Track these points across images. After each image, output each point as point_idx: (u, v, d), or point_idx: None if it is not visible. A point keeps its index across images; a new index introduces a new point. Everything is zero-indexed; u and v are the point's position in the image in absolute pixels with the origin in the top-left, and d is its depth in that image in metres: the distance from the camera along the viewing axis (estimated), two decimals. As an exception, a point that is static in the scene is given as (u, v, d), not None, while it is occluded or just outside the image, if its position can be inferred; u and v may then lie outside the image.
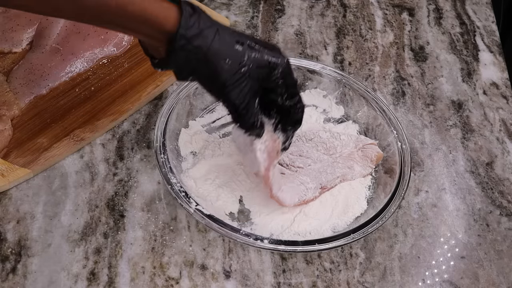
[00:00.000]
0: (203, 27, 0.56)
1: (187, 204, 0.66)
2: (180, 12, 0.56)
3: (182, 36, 0.55)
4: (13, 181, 0.72)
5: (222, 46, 0.57)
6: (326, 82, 0.84)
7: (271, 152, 0.66)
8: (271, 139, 0.65)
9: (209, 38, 0.56)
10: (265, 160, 0.66)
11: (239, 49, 0.58)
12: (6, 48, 0.87)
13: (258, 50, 0.59)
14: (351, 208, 0.72)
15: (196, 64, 0.58)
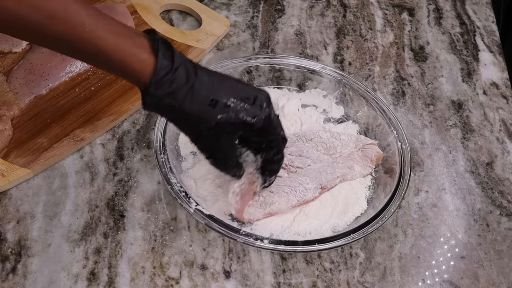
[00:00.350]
0: (176, 86, 0.56)
1: (187, 204, 0.66)
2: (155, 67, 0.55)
3: (153, 95, 0.56)
4: (13, 181, 0.72)
5: (193, 105, 0.56)
6: (326, 82, 0.84)
7: (246, 195, 0.66)
8: (249, 181, 0.65)
9: (180, 97, 0.56)
10: (237, 203, 0.66)
11: (212, 107, 0.57)
12: (6, 48, 0.87)
13: (233, 108, 0.57)
14: (351, 208, 0.72)
15: (169, 116, 0.60)
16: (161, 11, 0.96)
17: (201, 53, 0.90)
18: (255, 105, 0.59)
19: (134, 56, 0.55)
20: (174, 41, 0.90)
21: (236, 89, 0.59)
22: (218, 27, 0.93)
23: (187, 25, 0.96)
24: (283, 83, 0.86)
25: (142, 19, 0.93)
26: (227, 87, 0.59)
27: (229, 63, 0.82)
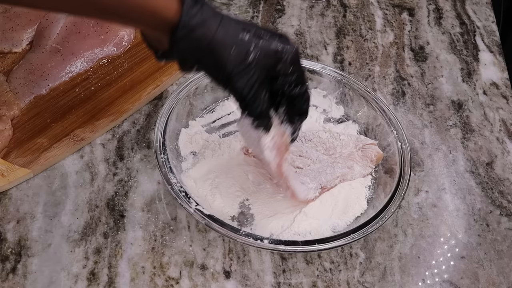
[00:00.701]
0: (206, 16, 0.55)
1: (187, 204, 0.66)
2: (182, 1, 0.54)
3: (185, 25, 0.54)
4: (13, 181, 0.72)
5: (226, 35, 0.55)
6: (326, 82, 0.84)
7: (280, 147, 0.64)
8: (278, 133, 0.64)
9: (213, 27, 0.55)
10: (275, 158, 0.64)
11: (245, 37, 0.56)
12: (6, 48, 0.87)
13: (265, 38, 0.58)
14: (351, 208, 0.72)
15: (200, 54, 0.56)
16: (161, 11, 0.96)
17: (201, 53, 0.90)
18: (283, 38, 0.59)
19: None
20: (174, 41, 0.90)
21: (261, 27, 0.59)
22: (218, 27, 0.93)
23: (187, 25, 0.96)
24: (283, 83, 0.85)
25: (142, 19, 0.93)
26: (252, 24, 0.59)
27: (229, 63, 0.82)
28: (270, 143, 0.63)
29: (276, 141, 0.64)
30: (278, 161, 0.65)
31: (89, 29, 0.88)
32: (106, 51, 0.88)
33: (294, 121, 0.64)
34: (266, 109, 0.61)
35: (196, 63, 0.58)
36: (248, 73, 0.57)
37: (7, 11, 0.91)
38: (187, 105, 0.78)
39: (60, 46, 0.86)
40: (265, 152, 0.63)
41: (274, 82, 0.60)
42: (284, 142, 0.64)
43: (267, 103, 0.61)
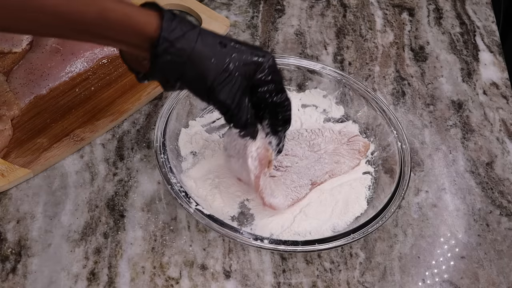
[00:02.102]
0: (185, 29, 0.56)
1: (187, 204, 0.66)
2: (161, 17, 0.56)
3: (165, 38, 0.55)
4: (13, 181, 0.72)
5: (205, 47, 0.57)
6: (326, 82, 0.84)
7: (263, 160, 0.66)
8: (263, 146, 0.66)
9: (192, 40, 0.56)
10: (256, 168, 0.66)
11: (224, 48, 0.58)
12: (6, 48, 0.87)
13: (242, 49, 0.59)
14: (351, 208, 0.72)
15: (182, 68, 0.57)
16: (161, 11, 0.96)
17: (201, 53, 0.90)
18: (259, 49, 0.61)
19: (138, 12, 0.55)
20: (174, 41, 0.90)
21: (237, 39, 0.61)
22: (218, 27, 0.93)
23: (187, 25, 0.96)
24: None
25: (142, 19, 0.93)
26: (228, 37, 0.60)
27: (229, 63, 0.82)
28: (254, 153, 0.65)
29: (260, 153, 0.65)
30: (258, 173, 0.66)
31: (89, 29, 0.88)
32: (106, 51, 0.88)
33: (278, 131, 0.66)
34: (251, 117, 0.62)
35: (178, 78, 0.59)
36: (230, 82, 0.58)
37: (7, 11, 0.91)
38: (187, 105, 0.78)
39: (60, 46, 0.86)
40: (248, 160, 0.65)
41: (254, 94, 0.62)
42: (267, 156, 0.66)
43: (251, 111, 0.62)
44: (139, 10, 0.56)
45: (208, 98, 0.60)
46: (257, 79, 0.61)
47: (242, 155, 0.66)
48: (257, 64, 0.60)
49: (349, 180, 0.75)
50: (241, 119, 0.61)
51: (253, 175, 0.66)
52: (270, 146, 0.66)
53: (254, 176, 0.66)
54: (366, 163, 0.77)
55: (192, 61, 0.57)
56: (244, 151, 0.65)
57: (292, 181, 0.71)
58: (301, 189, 0.71)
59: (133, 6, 0.55)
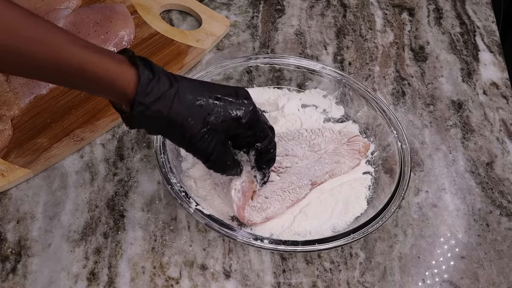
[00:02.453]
0: (162, 90, 0.56)
1: (187, 204, 0.66)
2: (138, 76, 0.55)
3: (140, 103, 0.55)
4: (13, 181, 0.72)
5: (182, 107, 0.57)
6: (326, 82, 0.84)
7: (247, 192, 0.67)
8: (248, 180, 0.66)
9: (168, 102, 0.56)
10: (239, 200, 0.67)
11: (200, 107, 0.58)
12: (6, 48, 0.87)
13: (220, 105, 0.59)
14: (351, 208, 0.71)
15: (159, 126, 0.58)
16: (161, 11, 0.96)
17: (201, 53, 0.90)
18: (238, 99, 0.60)
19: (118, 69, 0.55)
20: (174, 41, 0.90)
21: (217, 88, 0.61)
22: (218, 27, 0.93)
23: (187, 25, 0.96)
24: (283, 83, 0.85)
25: (142, 19, 0.93)
26: (208, 88, 0.60)
27: (229, 63, 0.82)
28: (238, 186, 0.66)
29: (244, 186, 0.66)
30: (241, 204, 0.67)
31: (89, 29, 0.88)
32: (106, 51, 0.87)
33: (262, 168, 0.67)
34: (231, 163, 0.64)
35: (157, 132, 0.62)
36: (207, 138, 0.59)
37: (7, 11, 0.91)
38: (187, 105, 0.78)
39: (60, 46, 0.86)
40: (232, 192, 0.66)
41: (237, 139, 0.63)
42: (252, 187, 0.67)
43: (231, 158, 0.64)
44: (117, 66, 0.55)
45: (187, 150, 0.61)
46: (237, 132, 0.61)
47: (226, 186, 0.68)
48: (236, 119, 0.60)
49: (349, 180, 0.75)
50: (221, 167, 0.63)
51: (235, 206, 0.67)
52: (255, 179, 0.67)
53: (237, 207, 0.67)
54: (366, 163, 0.77)
55: (169, 121, 0.57)
56: (228, 183, 0.67)
57: (291, 182, 0.71)
58: (301, 189, 0.71)
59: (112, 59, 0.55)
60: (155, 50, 0.89)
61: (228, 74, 0.82)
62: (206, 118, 0.58)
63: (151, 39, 0.90)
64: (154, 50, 0.89)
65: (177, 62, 0.87)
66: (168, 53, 0.88)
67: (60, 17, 0.89)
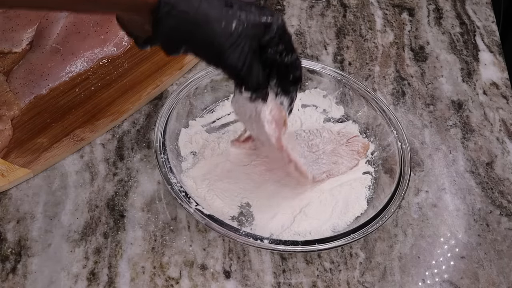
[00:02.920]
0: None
1: (187, 204, 0.66)
2: None
3: (166, 2, 0.52)
4: (13, 181, 0.72)
5: (211, 9, 0.54)
6: (326, 82, 0.84)
7: (279, 121, 0.63)
8: (276, 107, 0.63)
9: (196, 1, 0.53)
10: (274, 131, 0.63)
11: (230, 10, 0.55)
12: (6, 48, 0.87)
13: (250, 10, 0.56)
14: (351, 208, 0.72)
15: (186, 32, 0.54)
16: (161, 11, 0.96)
17: (201, 53, 0.90)
18: (265, 9, 0.58)
19: None
20: (174, 41, 0.90)
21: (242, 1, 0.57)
22: (218, 27, 0.93)
23: (187, 25, 0.96)
24: (283, 83, 0.85)
25: (142, 19, 0.93)
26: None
27: (229, 63, 0.82)
28: (269, 116, 0.62)
29: (274, 114, 0.62)
30: (278, 135, 0.63)
31: (89, 29, 0.88)
32: (106, 51, 0.88)
33: (289, 90, 0.63)
34: (262, 79, 0.59)
35: (182, 42, 0.56)
36: (239, 45, 0.55)
37: (7, 11, 0.91)
38: (187, 105, 0.78)
39: (60, 46, 0.86)
40: (265, 125, 0.62)
41: (263, 54, 0.59)
42: (282, 116, 0.63)
43: (262, 72, 0.59)
44: None
45: (217, 63, 0.57)
46: (266, 40, 0.58)
47: (256, 120, 0.63)
48: (265, 25, 0.57)
49: (349, 180, 0.75)
50: (252, 82, 0.59)
51: (273, 138, 0.63)
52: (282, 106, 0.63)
53: (276, 139, 0.63)
54: (366, 163, 0.77)
55: (197, 24, 0.53)
56: (257, 117, 0.62)
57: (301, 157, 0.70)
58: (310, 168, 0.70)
59: None
60: (155, 50, 0.89)
61: (228, 74, 0.82)
62: (236, 22, 0.55)
63: (151, 39, 0.90)
64: (154, 50, 0.88)
65: (177, 62, 0.87)
66: (168, 53, 0.88)
67: (60, 17, 0.89)
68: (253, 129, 0.66)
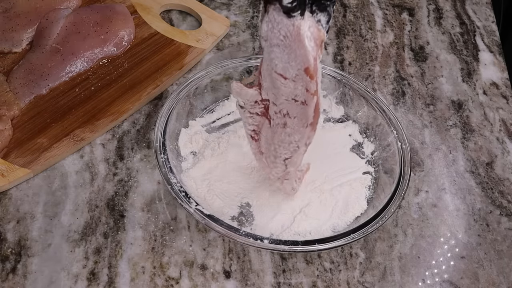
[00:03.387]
0: None
1: (187, 204, 0.66)
2: None
3: None
4: (13, 181, 0.72)
5: None
6: (326, 82, 0.84)
7: (317, 40, 0.57)
8: (314, 24, 0.57)
9: None
10: (313, 49, 0.57)
11: None
12: (6, 48, 0.87)
13: None
14: (351, 208, 0.72)
15: None
16: (161, 11, 0.96)
17: (201, 53, 0.90)
18: None
19: None
20: (174, 41, 0.90)
21: None
22: (218, 27, 0.94)
23: (187, 25, 0.96)
24: (283, 83, 0.85)
25: (142, 19, 0.93)
26: None
27: (229, 63, 0.82)
28: (308, 32, 0.56)
29: (313, 32, 0.57)
30: (315, 55, 0.57)
31: (89, 29, 0.88)
32: (106, 51, 0.88)
33: (325, 5, 0.58)
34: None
35: None
36: None
37: (7, 11, 0.91)
38: (187, 105, 0.78)
39: (60, 46, 0.86)
40: (305, 40, 0.56)
41: None
42: (319, 36, 0.58)
43: None
44: None
45: None
46: None
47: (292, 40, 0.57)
48: None
49: (349, 180, 0.75)
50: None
51: (311, 56, 0.57)
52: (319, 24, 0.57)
53: (313, 58, 0.57)
54: (366, 163, 0.77)
55: None
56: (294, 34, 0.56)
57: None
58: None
59: None
60: (155, 50, 0.89)
61: (228, 74, 0.82)
62: None
63: (151, 39, 0.90)
64: (154, 50, 0.89)
65: (177, 62, 0.87)
66: (168, 53, 0.89)
67: (60, 17, 0.89)
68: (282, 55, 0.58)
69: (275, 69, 0.59)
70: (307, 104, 0.59)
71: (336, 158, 0.78)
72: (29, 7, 0.91)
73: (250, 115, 0.65)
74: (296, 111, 0.60)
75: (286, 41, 0.57)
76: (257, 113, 0.64)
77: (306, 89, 0.58)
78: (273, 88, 0.60)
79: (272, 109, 0.62)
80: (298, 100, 0.59)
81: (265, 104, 0.63)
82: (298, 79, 0.58)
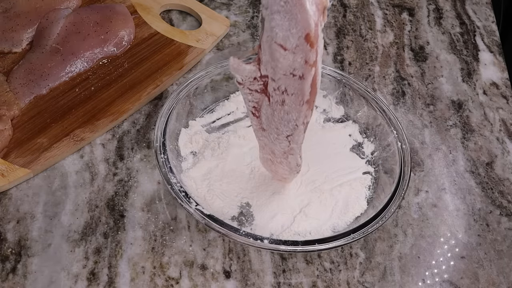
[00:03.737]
0: None
1: (187, 204, 0.66)
2: None
3: None
4: (13, 181, 0.72)
5: None
6: (326, 82, 0.84)
7: (319, 5, 0.55)
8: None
9: None
10: (314, 14, 0.54)
11: None
12: (6, 48, 0.87)
13: None
14: (351, 208, 0.72)
15: None
16: (161, 11, 0.96)
17: (201, 53, 0.90)
18: None
19: None
20: (174, 41, 0.90)
21: None
22: (218, 27, 0.94)
23: (187, 25, 0.96)
24: (283, 83, 0.85)
25: (142, 19, 0.93)
26: None
27: (229, 63, 0.82)
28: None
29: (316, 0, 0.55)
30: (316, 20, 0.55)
31: (89, 29, 0.88)
32: (106, 51, 0.88)
33: None
34: None
35: None
36: None
37: (7, 11, 0.91)
38: (187, 105, 0.78)
39: (60, 46, 0.86)
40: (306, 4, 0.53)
41: None
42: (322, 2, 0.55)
43: None
44: None
45: None
46: None
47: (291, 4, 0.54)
48: None
49: (349, 180, 0.75)
50: None
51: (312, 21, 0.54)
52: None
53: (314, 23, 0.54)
54: (366, 163, 0.77)
55: None
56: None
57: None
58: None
59: None
60: (155, 50, 0.89)
61: (228, 74, 0.82)
62: None
63: (151, 39, 0.90)
64: (154, 50, 0.89)
65: (177, 62, 0.87)
66: (168, 53, 0.89)
67: (60, 17, 0.89)
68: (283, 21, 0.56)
69: (275, 39, 0.56)
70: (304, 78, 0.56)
71: (336, 158, 0.78)
72: (29, 7, 0.91)
73: (250, 91, 0.63)
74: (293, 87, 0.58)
75: (287, 6, 0.54)
76: (256, 90, 0.62)
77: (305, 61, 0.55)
78: (272, 61, 0.58)
79: (271, 85, 0.60)
80: (296, 74, 0.56)
81: (264, 81, 0.61)
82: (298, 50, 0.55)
